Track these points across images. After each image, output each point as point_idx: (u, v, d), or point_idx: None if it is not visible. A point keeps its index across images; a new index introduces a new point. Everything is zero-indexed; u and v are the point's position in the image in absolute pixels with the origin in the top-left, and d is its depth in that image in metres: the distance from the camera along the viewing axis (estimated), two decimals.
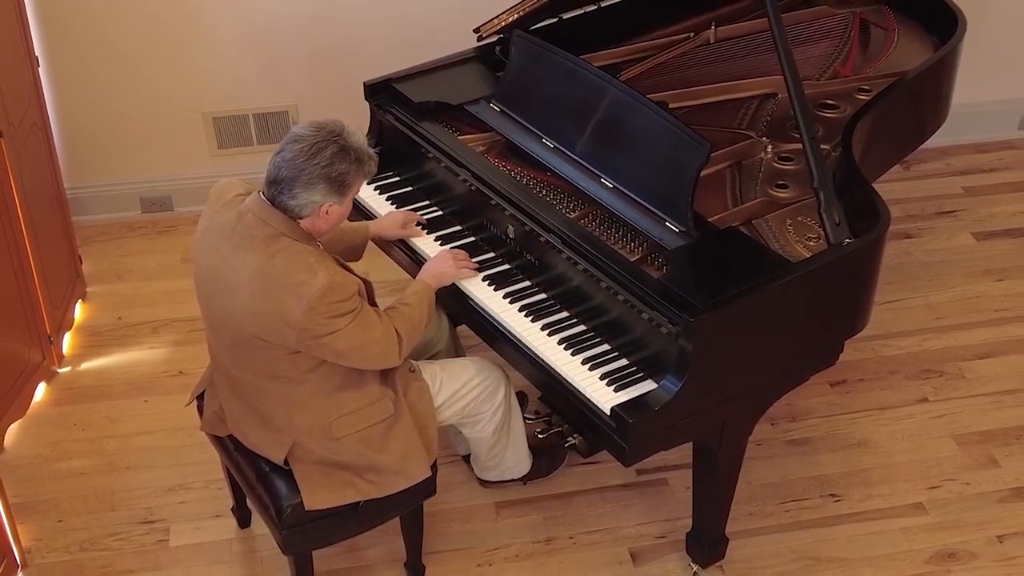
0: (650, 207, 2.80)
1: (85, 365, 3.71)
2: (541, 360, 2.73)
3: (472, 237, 3.06)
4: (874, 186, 2.89)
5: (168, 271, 4.10)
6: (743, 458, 2.89)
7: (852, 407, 3.55)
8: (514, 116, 3.14)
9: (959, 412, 3.54)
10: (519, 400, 3.13)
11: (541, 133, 3.07)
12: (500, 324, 2.82)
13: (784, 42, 2.78)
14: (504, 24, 3.37)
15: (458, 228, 3.10)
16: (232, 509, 3.15)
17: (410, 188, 3.25)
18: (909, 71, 3.35)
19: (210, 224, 2.57)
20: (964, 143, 4.74)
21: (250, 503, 2.97)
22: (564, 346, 2.73)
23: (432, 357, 3.06)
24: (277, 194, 2.47)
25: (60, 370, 3.68)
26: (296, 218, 2.49)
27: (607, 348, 2.73)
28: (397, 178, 3.28)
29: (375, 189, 3.24)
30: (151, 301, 3.96)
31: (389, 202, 3.20)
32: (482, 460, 3.14)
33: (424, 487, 2.76)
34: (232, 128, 4.26)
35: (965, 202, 4.46)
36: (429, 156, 3.15)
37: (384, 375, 2.69)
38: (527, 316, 2.82)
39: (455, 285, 2.90)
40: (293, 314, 2.42)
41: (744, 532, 3.13)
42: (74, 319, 3.87)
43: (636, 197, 2.83)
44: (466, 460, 3.28)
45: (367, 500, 2.69)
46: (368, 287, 2.62)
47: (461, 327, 3.58)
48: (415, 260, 3.05)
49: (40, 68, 3.72)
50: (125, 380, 3.65)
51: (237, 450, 2.79)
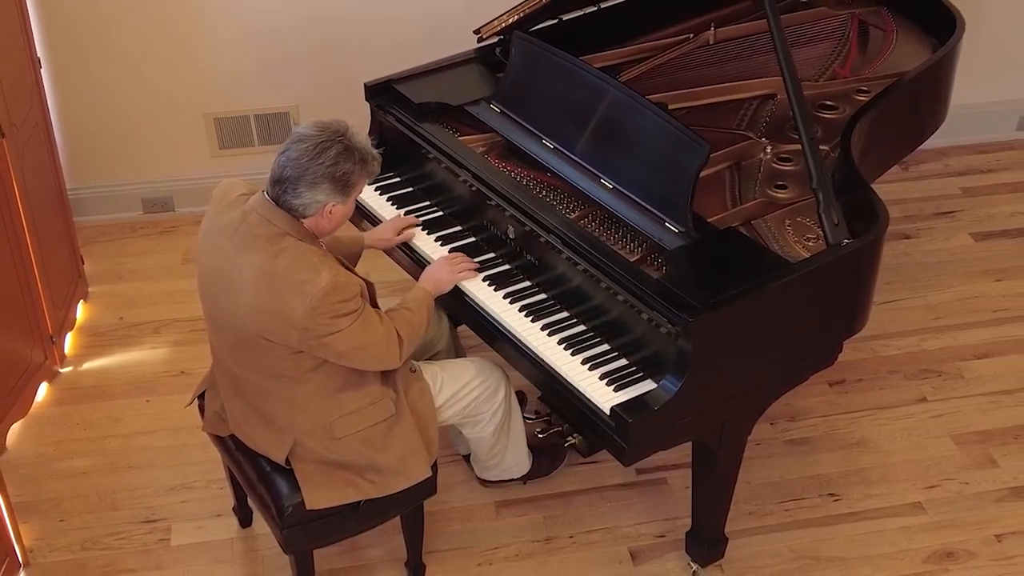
0: (650, 208, 2.81)
1: (87, 365, 3.71)
2: (541, 360, 2.73)
3: (472, 237, 3.07)
4: (873, 187, 2.89)
5: (169, 271, 4.11)
6: (742, 458, 2.89)
7: (851, 407, 3.56)
8: (514, 117, 3.15)
9: (957, 412, 3.54)
10: (518, 399, 3.14)
11: (541, 134, 3.07)
12: (500, 324, 2.83)
13: (783, 43, 2.79)
14: (504, 25, 3.37)
15: (458, 228, 3.10)
16: (233, 508, 3.16)
17: (411, 189, 3.26)
18: (908, 72, 3.35)
19: (213, 224, 2.58)
20: (963, 144, 4.75)
21: (251, 502, 2.97)
22: (564, 346, 2.74)
23: (432, 357, 3.06)
24: (281, 193, 2.48)
25: (62, 370, 3.68)
26: (300, 217, 2.50)
27: (607, 348, 2.73)
28: (398, 179, 3.29)
29: (376, 190, 3.25)
30: (152, 301, 3.96)
31: (390, 203, 3.21)
32: (482, 460, 3.15)
33: (425, 487, 2.76)
34: (233, 129, 4.27)
35: (963, 203, 4.46)
36: (429, 157, 3.15)
37: (385, 375, 2.70)
38: (527, 316, 2.83)
39: (456, 285, 2.91)
40: (296, 313, 2.43)
41: (743, 531, 3.14)
42: (76, 319, 3.88)
43: (636, 198, 2.84)
44: (466, 460, 3.28)
45: (368, 500, 2.70)
46: (370, 288, 2.62)
47: (461, 327, 3.59)
48: (415, 260, 3.06)
49: (42, 69, 3.72)
50: (127, 380, 3.65)
51: (238, 450, 2.80)
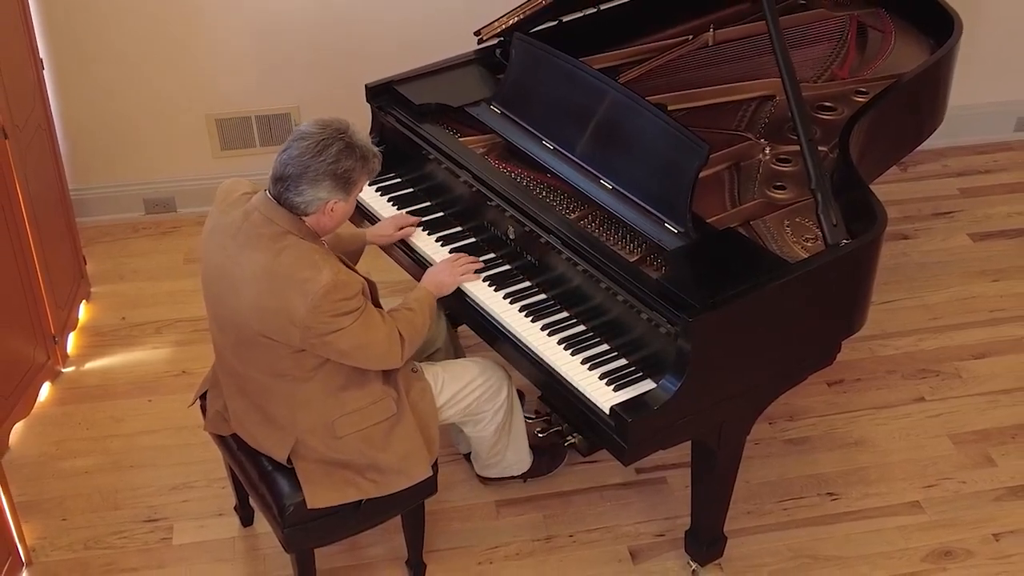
0: (649, 208, 2.81)
1: (89, 365, 3.72)
2: (541, 360, 2.74)
3: (473, 238, 3.08)
4: (871, 187, 2.89)
5: (171, 272, 4.11)
6: (741, 457, 2.90)
7: (849, 406, 3.57)
8: (514, 118, 3.16)
9: (955, 411, 3.55)
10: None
11: (541, 135, 3.08)
12: (500, 324, 2.84)
13: (782, 45, 2.80)
14: (504, 27, 3.38)
15: (459, 229, 3.11)
16: (235, 507, 3.17)
17: (411, 189, 3.27)
18: (906, 73, 3.35)
19: (216, 223, 2.59)
20: (961, 145, 4.75)
21: (253, 502, 2.98)
22: (564, 346, 2.75)
23: (431, 356, 3.07)
24: (283, 191, 2.49)
25: (64, 370, 3.69)
26: (302, 215, 2.51)
27: (606, 348, 2.74)
28: (398, 179, 3.29)
29: (377, 190, 3.26)
30: (154, 301, 3.97)
31: (391, 203, 3.22)
32: (483, 458, 3.16)
33: (425, 486, 2.77)
34: (235, 130, 4.28)
35: (961, 203, 4.47)
36: (430, 158, 3.16)
37: (387, 375, 2.71)
38: (527, 316, 2.83)
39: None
40: (298, 312, 2.44)
41: (742, 530, 3.15)
42: (78, 319, 3.88)
43: (635, 198, 2.84)
44: (467, 458, 3.29)
45: (368, 499, 2.70)
46: (372, 287, 2.64)
47: (461, 327, 3.60)
48: (415, 260, 3.07)
49: (44, 70, 3.73)
50: (129, 380, 3.66)
51: (240, 449, 2.80)
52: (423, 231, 3.11)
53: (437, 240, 3.08)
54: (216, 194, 2.66)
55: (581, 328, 2.80)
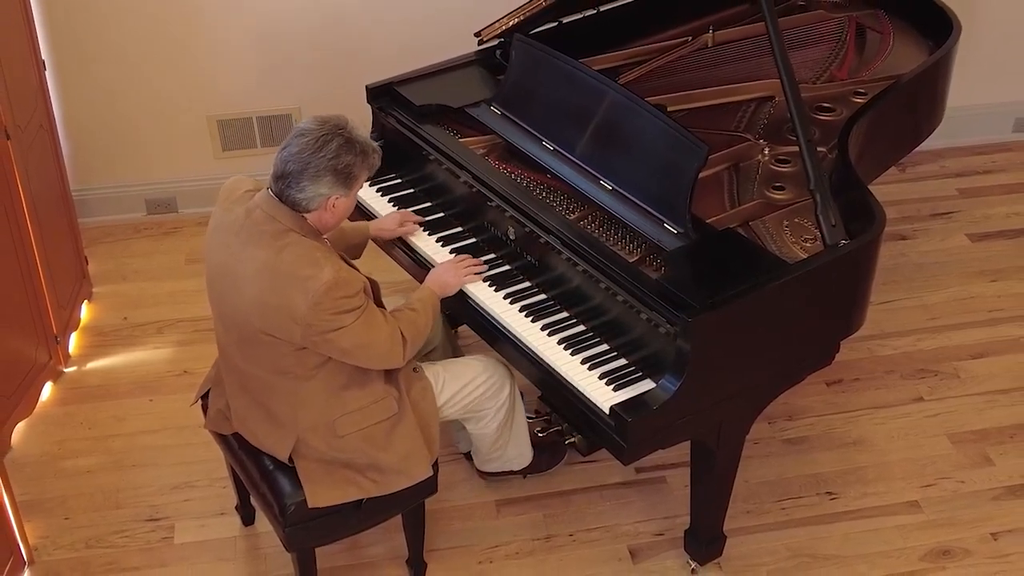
0: (649, 209, 2.82)
1: (91, 365, 3.73)
2: (541, 360, 2.75)
3: (473, 238, 3.09)
4: (870, 188, 2.90)
5: (173, 272, 4.12)
6: (740, 457, 2.91)
7: (848, 406, 3.57)
8: (514, 119, 3.16)
9: (954, 411, 3.56)
10: None
11: (541, 136, 3.09)
12: (501, 324, 2.85)
13: (781, 46, 2.80)
14: (505, 28, 3.39)
15: (459, 229, 3.12)
16: (236, 507, 3.17)
17: (412, 190, 3.28)
18: (904, 74, 3.36)
19: (220, 221, 2.60)
20: (959, 145, 4.76)
21: (254, 501, 2.99)
22: (564, 346, 2.76)
23: (428, 355, 3.08)
24: (284, 188, 2.50)
25: (66, 370, 3.70)
26: (303, 212, 2.52)
27: (606, 348, 2.75)
28: (399, 180, 3.30)
29: (377, 191, 3.27)
30: (156, 302, 3.98)
31: (391, 204, 3.23)
32: (484, 453, 3.16)
33: (426, 486, 2.78)
34: (236, 131, 4.29)
35: (960, 204, 4.48)
36: (430, 158, 3.17)
37: (388, 374, 2.72)
38: (527, 316, 2.84)
39: None
40: (299, 309, 2.45)
41: (741, 530, 3.16)
42: (80, 319, 3.89)
43: (635, 199, 2.85)
44: (467, 457, 3.30)
45: (369, 498, 2.71)
46: (375, 287, 2.65)
47: (461, 327, 3.61)
48: (415, 260, 3.08)
49: (46, 71, 3.74)
50: (130, 379, 3.67)
51: (241, 448, 2.81)
52: (423, 231, 3.12)
53: (438, 240, 3.09)
54: (219, 192, 2.67)
55: (581, 328, 2.81)
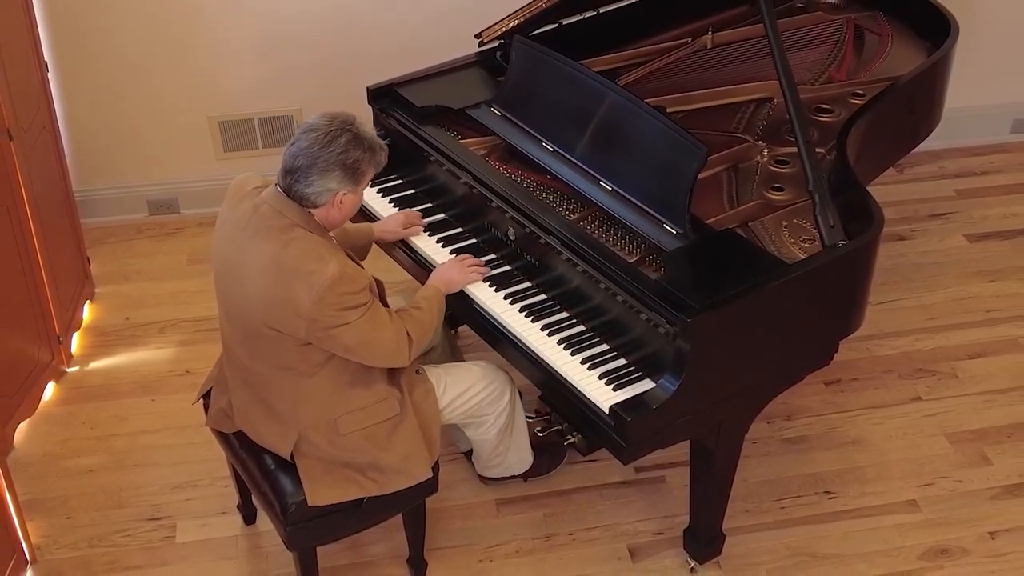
0: (648, 209, 2.83)
1: (93, 365, 3.74)
2: (541, 360, 2.76)
3: (473, 239, 3.10)
4: (868, 189, 2.91)
5: (175, 272, 4.13)
6: (739, 456, 2.92)
7: (846, 406, 3.58)
8: (515, 120, 3.17)
9: (952, 411, 3.57)
10: None
11: (541, 137, 3.10)
12: (501, 325, 2.86)
13: (780, 47, 2.82)
14: (505, 30, 3.40)
15: (460, 230, 3.13)
16: (237, 506, 3.18)
17: (413, 191, 3.28)
18: (903, 76, 3.37)
19: (228, 216, 2.62)
20: (957, 146, 4.76)
21: (255, 500, 3.00)
22: (564, 346, 2.77)
23: (428, 355, 3.08)
24: (293, 183, 2.51)
25: (69, 369, 3.71)
26: (311, 208, 2.53)
27: (606, 348, 2.76)
28: (400, 181, 3.31)
29: (378, 192, 3.27)
30: (158, 302, 3.99)
31: (392, 204, 3.24)
32: (484, 459, 3.17)
33: (426, 485, 2.79)
34: (238, 132, 4.30)
35: (958, 204, 4.48)
36: (431, 159, 3.18)
37: (391, 375, 2.73)
38: (527, 316, 2.85)
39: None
40: (304, 304, 2.46)
41: (740, 528, 3.16)
42: (82, 319, 3.90)
43: (634, 200, 2.86)
44: (467, 457, 3.31)
45: (370, 497, 2.72)
46: (380, 286, 2.66)
47: (462, 327, 3.62)
48: (417, 262, 3.08)
49: (49, 73, 3.75)
50: (132, 379, 3.67)
51: (243, 447, 2.82)
52: (424, 232, 3.13)
53: (438, 241, 3.10)
54: (228, 188, 2.68)
55: (581, 328, 2.82)
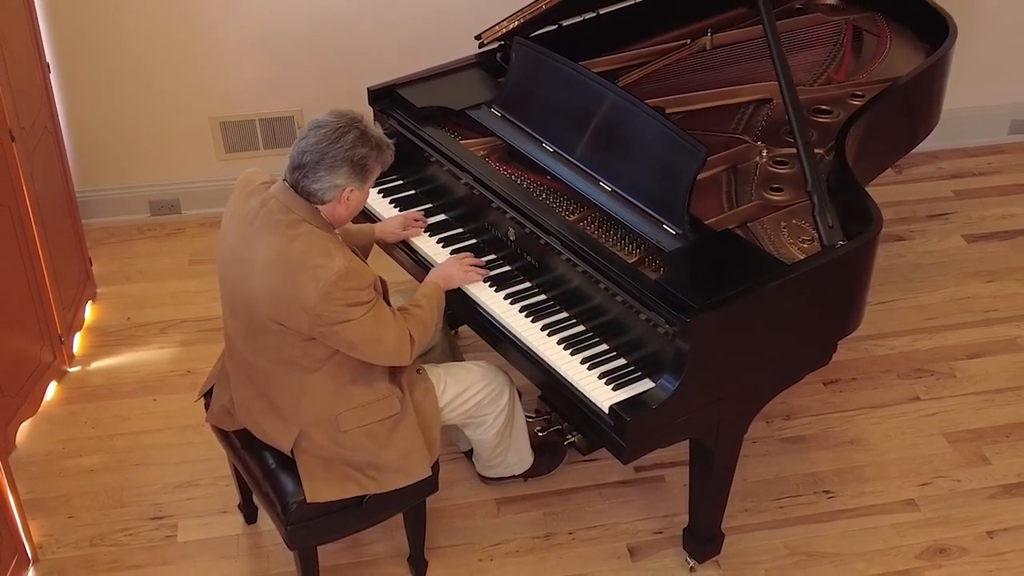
0: (648, 210, 2.84)
1: (95, 364, 3.75)
2: (541, 359, 2.77)
3: (474, 239, 3.10)
4: (867, 189, 2.92)
5: (176, 273, 4.14)
6: (738, 456, 2.93)
7: (845, 406, 3.59)
8: (515, 121, 3.18)
9: (950, 410, 3.58)
10: None
11: (541, 137, 3.10)
12: (501, 325, 2.86)
13: (779, 49, 2.82)
14: (505, 31, 3.40)
15: (460, 231, 3.14)
16: (239, 505, 3.19)
17: (413, 191, 3.29)
18: (901, 77, 3.37)
19: (235, 210, 2.63)
20: (955, 147, 4.77)
21: (256, 499, 3.01)
22: (563, 346, 2.78)
23: (427, 355, 3.09)
24: (300, 179, 2.52)
25: (70, 369, 3.71)
26: (318, 204, 2.55)
27: (606, 348, 2.77)
28: (400, 181, 3.32)
29: (379, 192, 3.28)
30: (159, 302, 3.99)
31: (393, 205, 3.25)
32: (484, 459, 3.18)
33: (426, 484, 2.80)
34: (239, 133, 4.31)
35: (956, 205, 4.49)
36: (432, 160, 3.19)
37: (392, 374, 2.74)
38: (527, 317, 2.86)
39: (458, 287, 2.95)
40: (309, 298, 2.47)
41: (739, 528, 3.17)
42: (84, 319, 3.91)
43: (634, 200, 2.87)
44: (467, 456, 3.32)
45: (371, 497, 2.73)
46: (383, 285, 2.67)
47: (462, 327, 3.63)
48: (417, 262, 3.09)
49: (51, 74, 3.76)
50: (134, 379, 3.68)
51: (244, 447, 2.83)
52: (424, 232, 3.14)
53: (439, 242, 3.11)
54: (236, 183, 2.69)
55: (580, 328, 2.83)
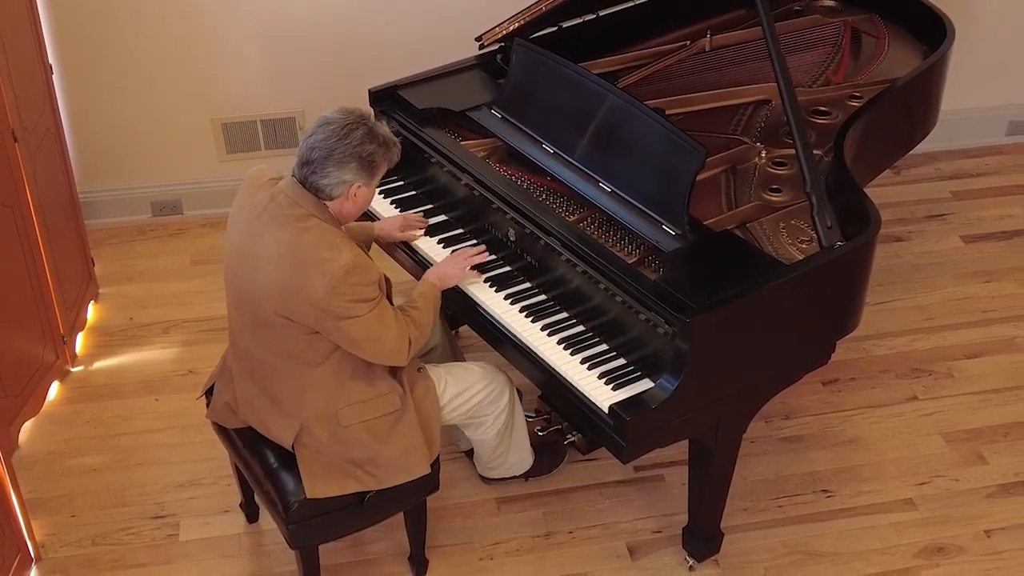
0: (647, 211, 2.85)
1: (97, 364, 3.75)
2: (541, 359, 2.77)
3: (474, 240, 3.11)
4: (865, 190, 2.92)
5: (178, 273, 4.14)
6: (737, 455, 2.94)
7: (844, 405, 3.60)
8: (515, 122, 3.19)
9: (948, 410, 3.58)
10: None
11: (541, 138, 3.11)
12: (501, 325, 2.87)
13: (778, 50, 2.83)
14: (505, 32, 3.41)
15: (460, 231, 3.15)
16: (240, 504, 3.20)
17: (414, 192, 3.30)
18: (899, 78, 3.38)
19: (243, 206, 2.65)
20: (953, 148, 4.78)
21: (258, 499, 3.01)
22: (564, 346, 2.78)
23: (427, 355, 3.11)
24: (309, 174, 2.54)
25: (73, 369, 3.72)
26: (326, 199, 2.57)
27: (605, 348, 2.78)
28: (401, 182, 3.33)
29: (380, 193, 3.29)
30: (161, 302, 4.00)
31: (393, 206, 3.26)
32: (485, 460, 3.19)
33: (427, 483, 2.81)
34: (240, 134, 4.32)
35: (954, 206, 4.50)
36: (432, 161, 3.20)
37: (393, 371, 2.75)
38: (527, 317, 2.87)
39: (458, 287, 2.96)
40: (316, 292, 2.48)
41: (738, 527, 3.18)
42: (87, 319, 3.91)
43: (634, 201, 2.88)
44: (468, 456, 3.33)
45: (372, 496, 2.74)
46: (387, 283, 2.68)
47: (462, 327, 3.64)
48: (417, 262, 3.10)
49: (53, 75, 3.76)
50: (136, 379, 3.69)
51: (245, 446, 2.84)
52: (425, 233, 3.15)
53: (439, 242, 3.11)
54: (244, 179, 2.71)
55: (580, 328, 2.84)
